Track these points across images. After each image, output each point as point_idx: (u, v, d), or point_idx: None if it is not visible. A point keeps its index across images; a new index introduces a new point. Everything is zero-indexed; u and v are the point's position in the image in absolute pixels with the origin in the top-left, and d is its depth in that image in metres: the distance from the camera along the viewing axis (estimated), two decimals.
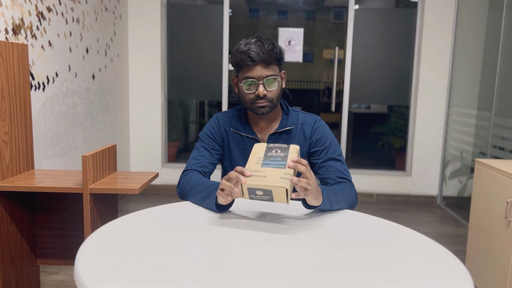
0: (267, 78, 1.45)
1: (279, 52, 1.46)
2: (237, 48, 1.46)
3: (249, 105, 1.50)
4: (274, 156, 1.19)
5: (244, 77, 1.46)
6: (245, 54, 1.42)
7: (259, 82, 1.45)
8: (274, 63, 1.46)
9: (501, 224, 2.11)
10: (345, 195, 1.38)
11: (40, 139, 2.62)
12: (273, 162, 1.17)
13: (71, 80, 3.00)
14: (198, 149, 1.58)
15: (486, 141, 3.36)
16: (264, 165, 1.17)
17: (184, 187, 1.45)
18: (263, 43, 1.44)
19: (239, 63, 1.45)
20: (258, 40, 1.45)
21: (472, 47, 3.74)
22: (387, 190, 4.24)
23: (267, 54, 1.42)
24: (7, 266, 1.92)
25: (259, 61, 1.43)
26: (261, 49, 1.42)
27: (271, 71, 1.45)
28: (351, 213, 1.35)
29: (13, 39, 2.32)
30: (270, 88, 1.46)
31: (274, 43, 1.47)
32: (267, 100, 1.47)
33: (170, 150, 4.47)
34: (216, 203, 1.28)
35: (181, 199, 1.47)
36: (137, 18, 4.08)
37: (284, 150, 1.20)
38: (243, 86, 1.47)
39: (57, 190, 1.79)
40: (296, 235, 1.14)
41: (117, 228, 1.15)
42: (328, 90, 4.50)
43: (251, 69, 1.44)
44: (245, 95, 1.49)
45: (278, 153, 1.19)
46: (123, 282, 0.86)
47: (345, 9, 4.13)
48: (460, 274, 0.95)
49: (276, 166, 1.16)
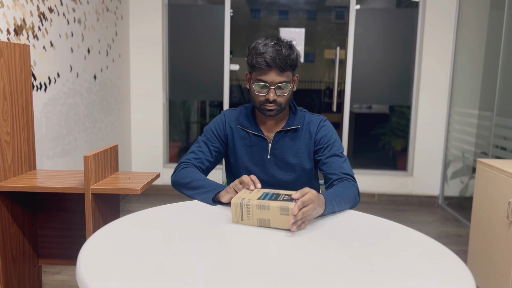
0: (280, 84, 1.45)
1: (296, 58, 1.46)
2: (255, 47, 1.45)
3: (258, 106, 1.51)
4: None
5: (257, 79, 1.47)
6: (261, 57, 1.42)
7: (271, 87, 1.45)
8: (288, 69, 1.45)
9: (503, 224, 2.10)
10: (347, 194, 1.38)
11: (42, 140, 2.63)
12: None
13: (73, 81, 3.00)
14: (199, 143, 1.60)
15: (487, 141, 3.35)
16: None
17: (183, 178, 1.48)
18: (281, 48, 1.43)
19: (255, 65, 1.45)
20: (277, 43, 1.44)
21: (474, 47, 3.74)
22: (388, 190, 4.24)
23: (283, 61, 1.42)
24: (9, 266, 1.92)
25: (274, 67, 1.43)
26: (278, 54, 1.41)
27: (284, 77, 1.45)
28: (353, 213, 1.35)
29: (15, 40, 2.33)
30: (281, 94, 1.47)
31: (292, 48, 1.46)
32: (276, 104, 1.48)
33: (171, 150, 4.47)
34: (213, 198, 1.37)
35: (174, 186, 1.51)
36: (139, 18, 4.09)
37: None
38: (255, 87, 1.48)
39: (59, 190, 1.80)
40: (298, 235, 1.14)
41: (119, 228, 1.15)
42: (329, 91, 4.50)
43: (265, 73, 1.44)
44: (255, 96, 1.50)
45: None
46: (125, 282, 0.86)
47: (346, 9, 4.13)
48: (462, 274, 0.95)
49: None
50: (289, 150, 1.57)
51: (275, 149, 1.57)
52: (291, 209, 1.12)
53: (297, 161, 1.57)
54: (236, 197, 1.21)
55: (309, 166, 1.59)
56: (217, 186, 1.40)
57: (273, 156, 1.57)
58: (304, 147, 1.57)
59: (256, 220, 1.17)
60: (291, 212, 1.12)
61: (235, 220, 1.20)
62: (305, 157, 1.57)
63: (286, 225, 1.14)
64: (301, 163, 1.57)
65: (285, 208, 1.13)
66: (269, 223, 1.16)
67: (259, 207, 1.16)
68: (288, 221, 1.13)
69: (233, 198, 1.20)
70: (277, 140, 1.57)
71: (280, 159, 1.57)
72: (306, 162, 1.58)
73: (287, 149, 1.57)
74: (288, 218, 1.13)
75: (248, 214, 1.18)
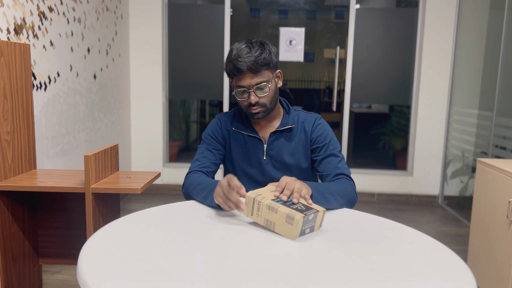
0: (257, 85, 1.45)
1: (268, 56, 1.44)
2: (228, 55, 1.46)
3: (245, 110, 1.52)
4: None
5: (236, 86, 1.48)
6: (232, 64, 1.42)
7: (250, 91, 1.45)
8: (262, 69, 1.44)
9: (503, 223, 2.10)
10: (340, 188, 1.39)
11: (42, 139, 2.63)
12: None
13: (73, 80, 3.00)
14: (201, 150, 1.60)
15: (487, 140, 3.35)
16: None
17: (187, 188, 1.48)
18: (250, 50, 1.42)
19: (229, 73, 1.46)
20: (247, 46, 1.43)
21: (474, 46, 3.74)
22: (388, 190, 4.24)
23: (254, 63, 1.41)
24: (9, 265, 1.92)
25: (246, 70, 1.42)
26: (248, 57, 1.40)
27: (260, 78, 1.44)
28: (352, 213, 1.35)
29: (15, 39, 2.32)
30: (262, 94, 1.46)
31: (263, 46, 1.44)
32: (260, 106, 1.48)
33: (171, 149, 4.47)
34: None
35: (186, 199, 1.50)
36: (138, 18, 4.09)
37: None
38: (237, 93, 1.49)
39: (59, 190, 1.80)
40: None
41: (119, 227, 1.16)
42: (329, 90, 4.50)
43: (241, 78, 1.44)
44: (240, 102, 1.51)
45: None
46: (126, 281, 0.86)
47: (346, 8, 4.13)
48: (462, 273, 0.95)
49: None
50: (285, 150, 1.56)
51: (270, 149, 1.56)
52: (297, 220, 1.08)
53: (293, 161, 1.56)
54: (254, 191, 1.19)
55: (306, 165, 1.58)
56: (214, 184, 1.38)
57: (269, 157, 1.57)
58: (300, 146, 1.57)
59: (264, 220, 1.15)
60: (296, 222, 1.08)
61: (246, 213, 1.18)
62: (301, 157, 1.57)
63: (290, 234, 1.10)
64: (298, 163, 1.57)
65: (291, 217, 1.09)
66: (274, 226, 1.13)
67: (269, 207, 1.13)
68: (290, 230, 1.09)
69: (250, 191, 1.19)
70: (272, 141, 1.56)
71: (277, 160, 1.57)
72: (303, 162, 1.57)
73: (283, 149, 1.56)
74: (291, 227, 1.09)
75: (258, 211, 1.16)
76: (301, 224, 1.08)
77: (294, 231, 1.09)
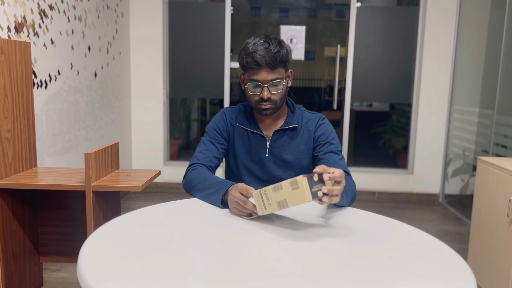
0: (272, 81, 1.45)
1: (285, 54, 1.46)
2: (245, 48, 1.46)
3: (254, 105, 1.51)
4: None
5: (249, 79, 1.47)
6: (250, 57, 1.42)
7: (263, 86, 1.45)
8: (279, 66, 1.45)
9: (503, 222, 2.10)
10: (351, 187, 1.39)
11: (42, 137, 2.63)
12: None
13: (73, 78, 3.00)
14: (204, 143, 1.59)
15: (488, 139, 3.35)
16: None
17: (191, 181, 1.47)
18: (269, 45, 1.42)
19: (245, 65, 1.45)
20: (265, 41, 1.44)
21: (475, 45, 3.73)
22: (389, 188, 4.24)
23: (272, 58, 1.41)
24: (10, 263, 1.93)
25: (264, 65, 1.42)
26: (267, 52, 1.41)
27: (276, 74, 1.45)
28: (353, 211, 1.35)
29: (15, 37, 2.32)
30: (275, 91, 1.47)
31: (281, 44, 1.45)
32: (271, 102, 1.48)
33: (172, 147, 4.47)
34: (222, 200, 1.32)
35: (186, 191, 1.49)
36: (139, 16, 4.08)
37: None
38: (249, 87, 1.48)
39: (60, 188, 1.80)
40: (298, 233, 1.14)
41: (119, 225, 1.16)
42: (329, 88, 4.49)
43: (256, 72, 1.44)
44: (250, 96, 1.50)
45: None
46: (126, 279, 0.86)
47: (347, 6, 4.12)
48: (463, 272, 0.95)
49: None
50: (287, 149, 1.57)
51: (273, 147, 1.57)
52: (299, 180, 1.08)
53: (294, 158, 1.57)
54: (257, 189, 1.21)
55: (307, 162, 1.59)
56: (222, 185, 1.36)
57: (272, 154, 1.57)
58: (303, 145, 1.57)
59: (276, 204, 1.15)
60: (300, 183, 1.08)
61: (261, 212, 1.19)
62: (303, 155, 1.57)
63: (301, 199, 1.09)
64: (299, 161, 1.57)
65: (294, 182, 1.09)
66: (286, 203, 1.13)
67: (274, 189, 1.15)
68: (301, 194, 1.09)
69: (254, 192, 1.21)
70: (276, 139, 1.57)
71: (278, 157, 1.57)
72: (304, 159, 1.58)
73: (285, 147, 1.57)
74: (299, 191, 1.09)
75: (268, 201, 1.17)
76: (308, 184, 1.08)
77: (304, 192, 1.08)
